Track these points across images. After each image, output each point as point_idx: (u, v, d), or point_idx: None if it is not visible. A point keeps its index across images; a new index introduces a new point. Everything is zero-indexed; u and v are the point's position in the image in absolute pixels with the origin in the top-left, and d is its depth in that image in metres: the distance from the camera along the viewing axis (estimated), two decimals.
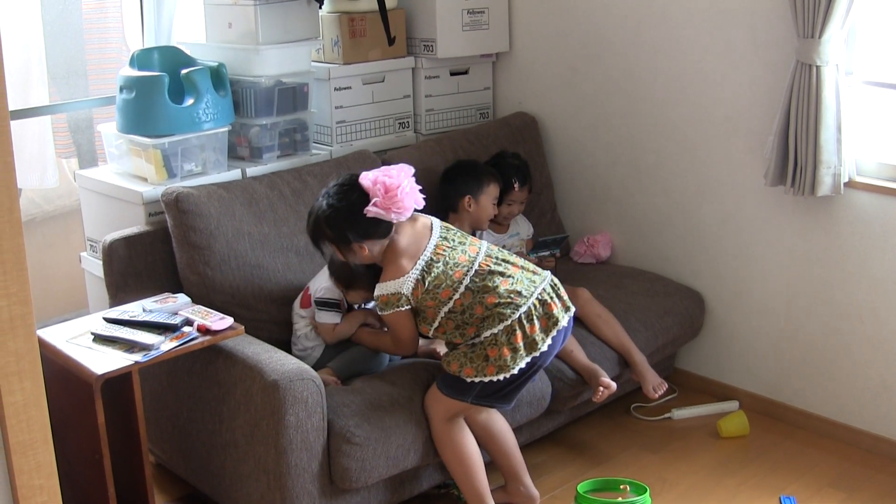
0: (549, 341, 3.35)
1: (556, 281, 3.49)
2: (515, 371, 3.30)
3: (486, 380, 3.30)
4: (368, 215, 3.30)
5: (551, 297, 3.40)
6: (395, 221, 3.33)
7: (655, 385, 4.09)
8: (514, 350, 3.29)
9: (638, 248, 4.72)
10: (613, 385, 3.86)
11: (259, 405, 3.20)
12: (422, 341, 3.82)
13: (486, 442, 3.60)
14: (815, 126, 3.79)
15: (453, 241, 3.45)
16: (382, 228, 3.36)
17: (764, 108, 4.10)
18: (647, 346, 4.17)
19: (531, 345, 3.32)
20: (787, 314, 4.25)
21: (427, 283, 3.33)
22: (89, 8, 4.99)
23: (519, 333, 3.30)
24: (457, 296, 3.33)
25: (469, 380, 3.32)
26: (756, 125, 4.15)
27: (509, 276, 3.37)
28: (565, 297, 3.47)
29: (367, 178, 3.34)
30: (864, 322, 4.03)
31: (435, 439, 3.45)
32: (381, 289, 3.38)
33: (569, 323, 3.45)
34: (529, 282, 3.39)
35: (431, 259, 3.36)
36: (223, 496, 3.52)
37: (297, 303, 3.74)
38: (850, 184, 3.92)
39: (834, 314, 4.11)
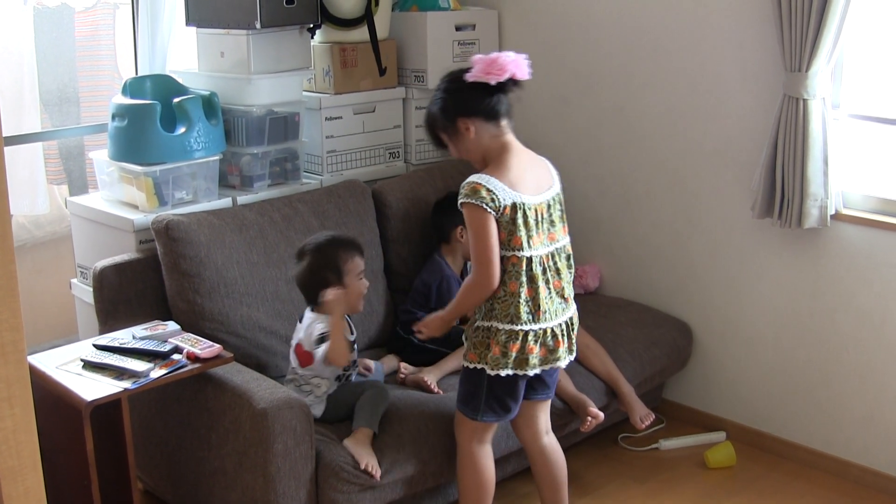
0: (537, 370, 3.28)
1: (576, 319, 3.40)
2: (502, 374, 3.23)
3: (488, 372, 3.24)
4: (469, 80, 3.22)
5: (563, 334, 3.31)
6: (493, 83, 3.20)
7: (643, 415, 4.11)
8: (504, 355, 3.21)
9: (626, 279, 4.74)
10: (601, 415, 3.87)
11: (248, 433, 3.21)
12: (410, 368, 3.83)
13: (540, 468, 3.57)
14: (802, 159, 3.82)
15: (557, 211, 3.35)
16: (487, 106, 3.24)
17: (752, 140, 4.13)
18: (635, 377, 4.18)
19: (521, 362, 3.24)
20: (775, 345, 4.26)
21: (516, 218, 3.20)
22: (82, 35, 5.02)
23: (517, 345, 3.22)
24: (521, 254, 3.20)
25: (473, 366, 3.26)
26: (744, 158, 4.18)
27: (549, 288, 3.28)
28: (574, 338, 3.38)
29: (473, 58, 3.28)
30: (850, 353, 4.04)
31: (458, 459, 3.45)
32: (476, 177, 3.20)
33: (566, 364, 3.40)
34: (559, 305, 3.30)
35: (529, 207, 3.22)
36: None
37: (295, 364, 3.60)
38: (837, 216, 3.95)
39: (821, 345, 4.13)
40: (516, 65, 3.23)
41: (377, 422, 3.45)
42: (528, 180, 3.25)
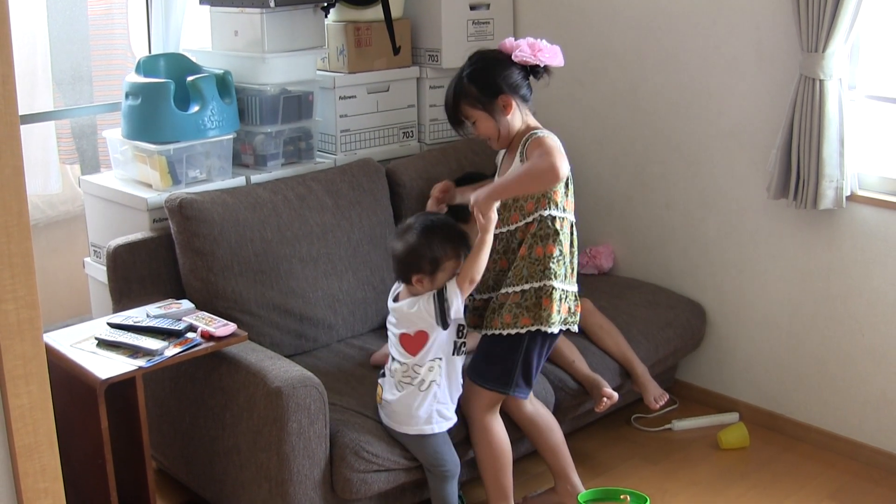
0: (560, 327, 3.39)
1: None
2: (555, 330, 3.35)
3: (544, 330, 3.33)
4: (516, 60, 3.27)
5: (578, 301, 3.48)
6: (542, 64, 3.29)
7: (657, 396, 4.10)
8: (558, 312, 3.34)
9: (640, 260, 4.73)
10: (615, 395, 3.86)
11: (262, 412, 3.21)
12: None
13: (535, 437, 3.66)
14: (818, 140, 3.80)
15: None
16: (527, 88, 3.34)
17: (767, 121, 4.11)
18: (649, 358, 4.18)
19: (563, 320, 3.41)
20: (789, 327, 4.25)
21: (568, 183, 3.36)
22: (95, 14, 5.01)
23: (565, 304, 3.37)
24: (571, 218, 3.37)
25: (525, 330, 3.34)
26: (759, 138, 4.16)
27: (575, 252, 3.45)
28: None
29: (506, 41, 3.34)
30: (865, 335, 4.03)
31: (474, 433, 3.49)
32: (542, 139, 3.26)
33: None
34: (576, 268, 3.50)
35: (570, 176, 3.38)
36: (225, 502, 3.52)
37: (400, 355, 3.37)
38: (853, 197, 3.93)
39: (835, 327, 4.12)
40: (556, 52, 3.33)
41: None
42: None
